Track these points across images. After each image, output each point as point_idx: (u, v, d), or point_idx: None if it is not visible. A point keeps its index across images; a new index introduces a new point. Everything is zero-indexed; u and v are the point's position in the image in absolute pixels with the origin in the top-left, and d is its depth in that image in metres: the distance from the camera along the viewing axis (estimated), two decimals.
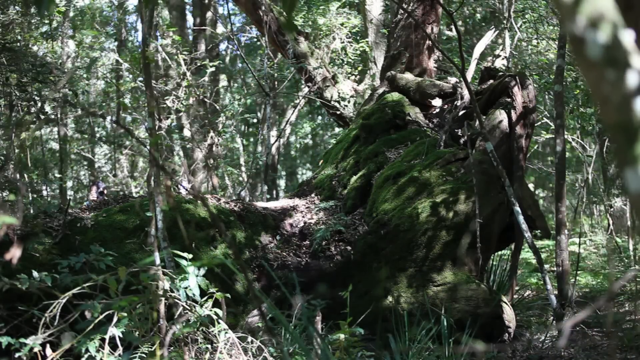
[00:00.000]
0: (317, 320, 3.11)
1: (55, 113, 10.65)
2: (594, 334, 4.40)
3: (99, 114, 14.13)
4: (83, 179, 15.68)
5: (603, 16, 0.74)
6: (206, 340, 2.86)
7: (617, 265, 7.05)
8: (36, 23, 9.19)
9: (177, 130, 12.91)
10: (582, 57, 0.76)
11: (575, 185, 14.12)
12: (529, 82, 5.17)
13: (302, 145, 20.41)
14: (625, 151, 0.73)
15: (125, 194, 10.22)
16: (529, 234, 4.37)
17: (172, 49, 9.39)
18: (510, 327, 4.29)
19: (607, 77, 0.73)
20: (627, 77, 0.72)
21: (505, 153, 4.87)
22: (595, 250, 9.17)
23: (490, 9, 11.03)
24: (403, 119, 5.69)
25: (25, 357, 2.45)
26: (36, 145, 12.19)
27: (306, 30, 8.26)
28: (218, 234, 4.36)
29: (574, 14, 0.75)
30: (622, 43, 0.73)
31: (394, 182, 4.89)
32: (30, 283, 2.90)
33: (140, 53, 7.81)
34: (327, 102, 7.81)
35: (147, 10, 3.32)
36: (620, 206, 9.97)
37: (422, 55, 6.47)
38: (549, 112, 9.80)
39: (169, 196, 1.71)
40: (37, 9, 1.51)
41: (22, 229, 3.72)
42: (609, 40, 0.73)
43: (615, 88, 0.73)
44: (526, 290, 6.76)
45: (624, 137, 0.73)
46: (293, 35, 7.79)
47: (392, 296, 4.32)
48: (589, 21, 0.74)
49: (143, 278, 2.54)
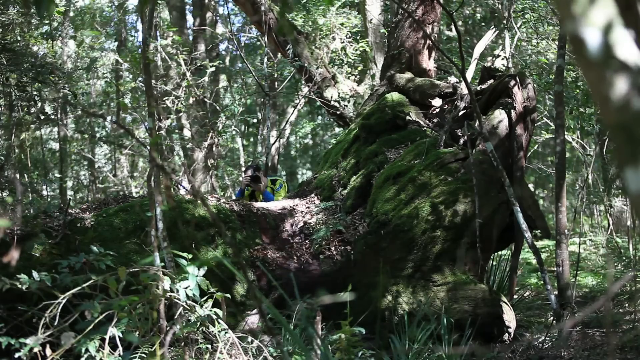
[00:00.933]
0: (316, 320, 3.11)
1: (55, 113, 10.65)
2: (594, 334, 4.40)
3: (99, 114, 14.13)
4: (83, 179, 15.68)
5: (603, 16, 0.74)
6: (206, 340, 2.86)
7: (616, 265, 7.04)
8: (36, 23, 9.19)
9: (177, 130, 12.91)
10: (582, 57, 0.76)
11: (575, 185, 14.12)
12: (529, 82, 5.17)
13: (302, 145, 20.41)
14: (625, 151, 0.73)
15: (125, 194, 10.22)
16: (529, 234, 4.37)
17: (172, 49, 9.39)
18: (510, 327, 4.29)
19: (607, 77, 0.73)
20: (627, 77, 0.72)
21: (505, 153, 4.87)
22: (595, 250, 9.17)
23: (490, 9, 11.03)
24: (403, 119, 5.69)
25: (25, 357, 2.45)
26: (36, 145, 12.19)
27: (306, 30, 8.26)
28: (218, 234, 4.36)
29: (574, 14, 0.75)
30: (623, 43, 0.73)
31: (394, 182, 4.89)
32: (30, 283, 2.90)
33: (140, 53, 7.81)
34: (327, 102, 7.81)
35: (147, 10, 3.30)
36: (620, 206, 9.97)
37: (422, 55, 6.46)
38: (549, 112, 9.80)
39: (169, 196, 1.71)
40: (37, 9, 1.50)
41: (22, 229, 3.72)
42: (609, 41, 0.73)
43: (615, 88, 0.73)
44: (526, 290, 6.76)
45: (624, 137, 0.73)
46: (293, 36, 7.79)
47: (392, 296, 4.32)
48: (589, 21, 0.74)
49: (143, 278, 2.54)
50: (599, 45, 0.74)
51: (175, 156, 12.88)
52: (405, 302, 4.27)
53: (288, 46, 7.99)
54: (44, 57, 8.24)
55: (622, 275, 6.53)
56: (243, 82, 13.15)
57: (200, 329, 2.80)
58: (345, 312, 3.18)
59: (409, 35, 6.43)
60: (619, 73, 0.73)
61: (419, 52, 6.44)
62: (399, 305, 4.26)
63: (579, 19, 0.75)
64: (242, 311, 4.14)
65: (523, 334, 4.57)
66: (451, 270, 4.42)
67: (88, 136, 15.16)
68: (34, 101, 8.47)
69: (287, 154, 19.79)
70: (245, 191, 6.16)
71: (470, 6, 11.40)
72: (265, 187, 6.19)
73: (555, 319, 4.30)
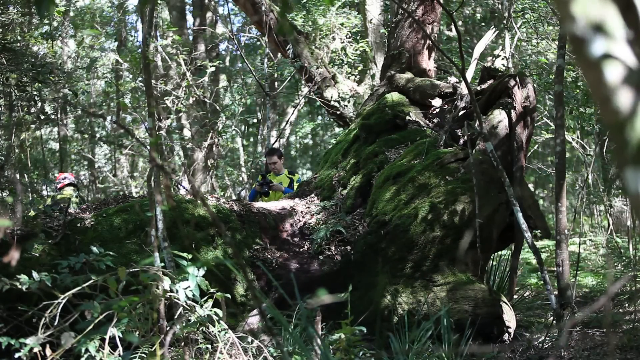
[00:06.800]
0: (316, 320, 3.11)
1: (55, 113, 10.65)
2: (594, 334, 4.40)
3: (99, 114, 14.13)
4: (83, 179, 15.67)
5: (603, 16, 0.74)
6: (206, 340, 2.86)
7: (616, 266, 7.04)
8: (36, 23, 9.19)
9: (177, 130, 12.91)
10: (582, 57, 0.76)
11: (575, 185, 14.12)
12: (528, 82, 5.17)
13: (302, 145, 20.41)
14: (625, 151, 0.73)
15: (125, 194, 10.22)
16: (529, 234, 4.37)
17: (172, 49, 9.39)
18: (510, 327, 4.29)
19: (607, 77, 0.73)
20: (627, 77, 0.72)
21: (505, 153, 4.87)
22: (595, 250, 9.17)
23: (490, 8, 11.03)
24: (403, 119, 5.69)
25: (25, 357, 2.45)
26: (36, 145, 12.19)
27: (306, 30, 8.26)
28: (218, 234, 4.36)
29: (574, 14, 0.75)
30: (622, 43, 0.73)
31: (394, 182, 4.89)
32: (30, 283, 2.90)
33: (140, 53, 7.80)
34: (327, 102, 7.81)
35: (147, 10, 3.30)
36: (620, 206, 9.97)
37: (422, 55, 6.46)
38: (549, 112, 9.80)
39: (169, 196, 1.71)
40: (37, 9, 1.50)
41: (21, 229, 3.72)
42: (609, 41, 0.73)
43: (614, 88, 0.73)
44: (526, 290, 6.76)
45: (624, 137, 0.73)
46: (293, 36, 7.79)
47: (392, 296, 4.32)
48: (589, 21, 0.74)
49: (143, 278, 2.54)
50: (599, 45, 0.74)
51: (175, 156, 12.88)
52: (405, 302, 4.27)
53: (288, 46, 7.99)
54: (44, 57, 8.24)
55: (622, 275, 6.53)
56: (243, 82, 13.15)
57: (200, 329, 2.80)
58: (345, 312, 3.18)
59: (409, 35, 6.43)
60: (619, 73, 0.73)
61: (419, 52, 6.44)
62: (399, 305, 4.26)
63: (579, 19, 0.75)
64: (242, 311, 4.14)
65: (523, 334, 4.56)
66: (451, 270, 4.42)
67: (88, 136, 15.17)
68: (34, 101, 8.47)
69: (287, 154, 19.79)
70: (257, 196, 6.30)
71: (470, 6, 11.40)
72: (281, 170, 6.50)
73: (555, 319, 4.30)
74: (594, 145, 9.64)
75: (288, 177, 6.46)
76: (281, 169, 6.54)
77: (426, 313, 4.09)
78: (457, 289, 4.31)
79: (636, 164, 0.72)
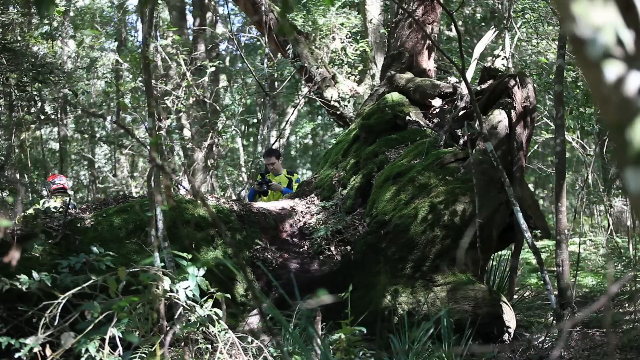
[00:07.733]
0: (316, 320, 3.11)
1: (55, 113, 10.65)
2: (594, 334, 4.40)
3: (99, 114, 14.13)
4: (83, 179, 15.68)
5: (603, 16, 0.74)
6: (206, 340, 2.86)
7: (616, 265, 7.04)
8: (36, 23, 9.20)
9: (177, 130, 12.91)
10: (582, 57, 0.76)
11: (575, 185, 14.12)
12: (528, 82, 5.17)
13: (302, 145, 20.40)
14: (625, 151, 0.73)
15: (125, 194, 10.22)
16: (529, 234, 4.37)
17: (172, 49, 9.39)
18: (510, 327, 4.29)
19: (607, 77, 0.73)
20: (627, 77, 0.72)
21: (505, 153, 4.86)
22: (595, 250, 9.17)
23: (490, 8, 11.03)
24: (403, 119, 5.69)
25: (25, 357, 2.45)
26: (36, 145, 12.19)
27: (306, 30, 8.26)
28: (218, 234, 4.36)
29: (574, 14, 0.75)
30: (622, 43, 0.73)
31: (394, 182, 4.89)
32: (30, 283, 2.90)
33: (140, 53, 7.80)
34: (327, 102, 7.81)
35: (147, 10, 3.30)
36: (620, 206, 9.96)
37: (422, 55, 6.46)
38: (549, 112, 9.79)
39: (169, 196, 1.71)
40: (37, 9, 1.50)
41: (22, 229, 3.72)
42: (609, 41, 0.73)
43: (615, 88, 0.73)
44: (526, 290, 6.76)
45: (624, 137, 0.73)
46: (293, 36, 7.79)
47: (392, 296, 4.32)
48: (589, 21, 0.74)
49: (143, 278, 2.54)
50: (599, 45, 0.74)
51: (175, 156, 12.88)
52: (405, 302, 4.27)
53: (288, 46, 7.99)
54: (44, 57, 8.24)
55: (622, 275, 6.53)
56: (243, 82, 13.14)
57: (200, 329, 2.80)
58: (346, 312, 3.18)
59: (409, 35, 6.43)
60: (619, 73, 0.73)
61: (419, 52, 6.44)
62: (399, 305, 4.26)
63: (579, 19, 0.75)
64: (242, 311, 4.14)
65: (523, 334, 4.56)
66: (451, 270, 4.42)
67: (88, 136, 15.17)
68: (34, 101, 8.48)
69: (287, 154, 19.79)
70: (256, 195, 6.32)
71: (470, 6, 11.40)
72: (280, 170, 6.49)
73: (555, 319, 4.30)
74: (594, 145, 9.63)
75: (287, 177, 6.47)
76: (280, 169, 6.54)
77: (426, 313, 4.09)
78: (457, 289, 4.31)
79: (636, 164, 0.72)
